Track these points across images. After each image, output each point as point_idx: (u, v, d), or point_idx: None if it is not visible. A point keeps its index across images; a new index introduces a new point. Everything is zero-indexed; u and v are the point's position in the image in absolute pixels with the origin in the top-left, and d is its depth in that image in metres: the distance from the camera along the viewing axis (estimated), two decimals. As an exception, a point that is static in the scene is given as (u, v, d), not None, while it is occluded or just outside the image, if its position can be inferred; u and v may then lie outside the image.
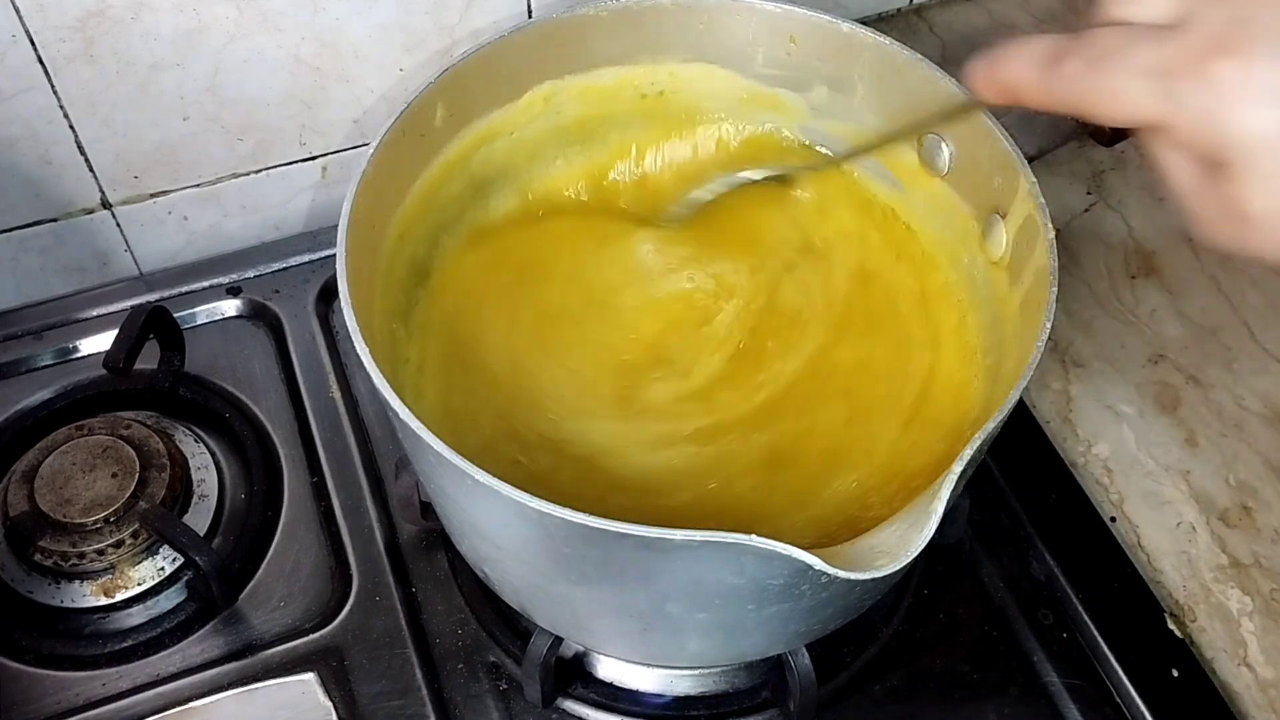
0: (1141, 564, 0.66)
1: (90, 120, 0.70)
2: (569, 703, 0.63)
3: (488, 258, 0.65)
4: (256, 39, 0.70)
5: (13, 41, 0.65)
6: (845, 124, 0.67)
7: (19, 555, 0.65)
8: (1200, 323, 0.75)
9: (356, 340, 0.50)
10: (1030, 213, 0.55)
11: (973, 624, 0.66)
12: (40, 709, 0.61)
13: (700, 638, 0.54)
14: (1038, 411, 0.71)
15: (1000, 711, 0.63)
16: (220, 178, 0.77)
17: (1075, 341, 0.74)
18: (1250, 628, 0.63)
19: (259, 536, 0.67)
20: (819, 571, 0.42)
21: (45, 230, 0.75)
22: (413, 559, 0.67)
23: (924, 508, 0.44)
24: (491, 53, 0.62)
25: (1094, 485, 0.68)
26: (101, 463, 0.66)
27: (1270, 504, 0.67)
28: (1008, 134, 0.57)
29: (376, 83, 0.76)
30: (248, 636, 0.64)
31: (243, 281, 0.78)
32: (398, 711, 0.61)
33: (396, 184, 0.60)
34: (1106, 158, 0.83)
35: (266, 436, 0.71)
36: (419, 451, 0.49)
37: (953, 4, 0.93)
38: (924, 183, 0.64)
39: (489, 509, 0.49)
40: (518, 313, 0.63)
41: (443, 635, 0.64)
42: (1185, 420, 0.71)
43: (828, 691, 0.62)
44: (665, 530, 0.43)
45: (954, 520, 0.64)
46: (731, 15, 0.65)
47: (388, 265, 0.60)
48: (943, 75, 0.60)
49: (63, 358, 0.75)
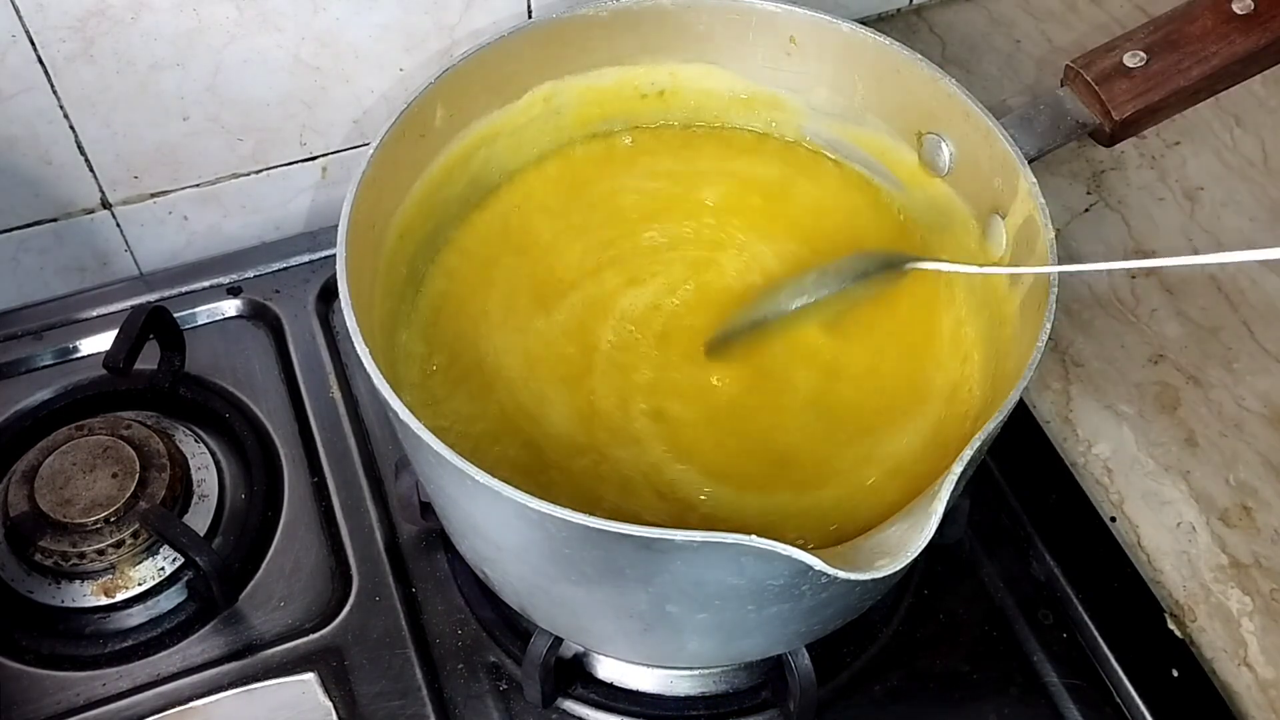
0: (1141, 564, 0.66)
1: (90, 120, 0.70)
2: (569, 703, 0.63)
3: (488, 257, 0.65)
4: (256, 39, 0.70)
5: (13, 41, 0.65)
6: (845, 124, 0.67)
7: (19, 555, 0.65)
8: (1200, 323, 0.75)
9: (356, 340, 0.50)
10: (1030, 213, 0.55)
11: (973, 624, 0.66)
12: (40, 709, 0.61)
13: (700, 638, 0.54)
14: (1038, 411, 0.71)
15: (1000, 711, 0.63)
16: (220, 178, 0.77)
17: (1075, 341, 0.74)
18: (1250, 628, 0.63)
19: (259, 536, 0.67)
20: (819, 572, 0.42)
21: (45, 230, 0.75)
22: (413, 559, 0.67)
23: (924, 508, 0.44)
24: (491, 53, 0.62)
25: (1094, 485, 0.68)
26: (101, 463, 0.66)
27: (1270, 504, 0.67)
28: (1008, 134, 0.57)
29: (376, 83, 0.76)
30: (248, 636, 0.64)
31: (243, 281, 0.78)
32: (398, 711, 0.61)
33: (396, 184, 0.60)
34: (1106, 158, 0.83)
35: (266, 436, 0.71)
36: (419, 451, 0.49)
37: (953, 4, 0.93)
38: (924, 183, 0.64)
39: (489, 509, 0.49)
40: (519, 312, 0.63)
41: (443, 635, 0.64)
42: (1185, 420, 0.71)
43: (828, 691, 0.62)
44: (665, 530, 0.43)
45: (954, 520, 0.64)
46: (731, 15, 0.65)
47: (388, 265, 0.60)
48: (942, 75, 0.60)
49: (63, 358, 0.75)
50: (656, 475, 0.57)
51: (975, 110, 0.59)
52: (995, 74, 0.88)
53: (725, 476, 0.57)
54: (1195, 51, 0.59)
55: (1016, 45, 0.90)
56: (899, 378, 0.61)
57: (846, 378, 0.61)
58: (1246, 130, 0.85)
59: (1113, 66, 0.60)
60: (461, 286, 0.64)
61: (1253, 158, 0.83)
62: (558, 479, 0.57)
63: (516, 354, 0.61)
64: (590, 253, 0.65)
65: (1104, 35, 0.63)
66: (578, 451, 0.58)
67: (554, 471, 0.57)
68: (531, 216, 0.67)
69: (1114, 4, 0.92)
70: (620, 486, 0.57)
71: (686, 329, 0.63)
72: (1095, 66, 0.60)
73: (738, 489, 0.57)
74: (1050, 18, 0.91)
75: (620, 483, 0.57)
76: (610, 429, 0.59)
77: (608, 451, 0.58)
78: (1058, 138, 0.59)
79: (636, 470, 0.57)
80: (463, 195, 0.66)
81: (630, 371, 0.61)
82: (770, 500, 0.56)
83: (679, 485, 0.57)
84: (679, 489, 0.57)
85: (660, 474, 0.57)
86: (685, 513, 0.56)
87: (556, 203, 0.67)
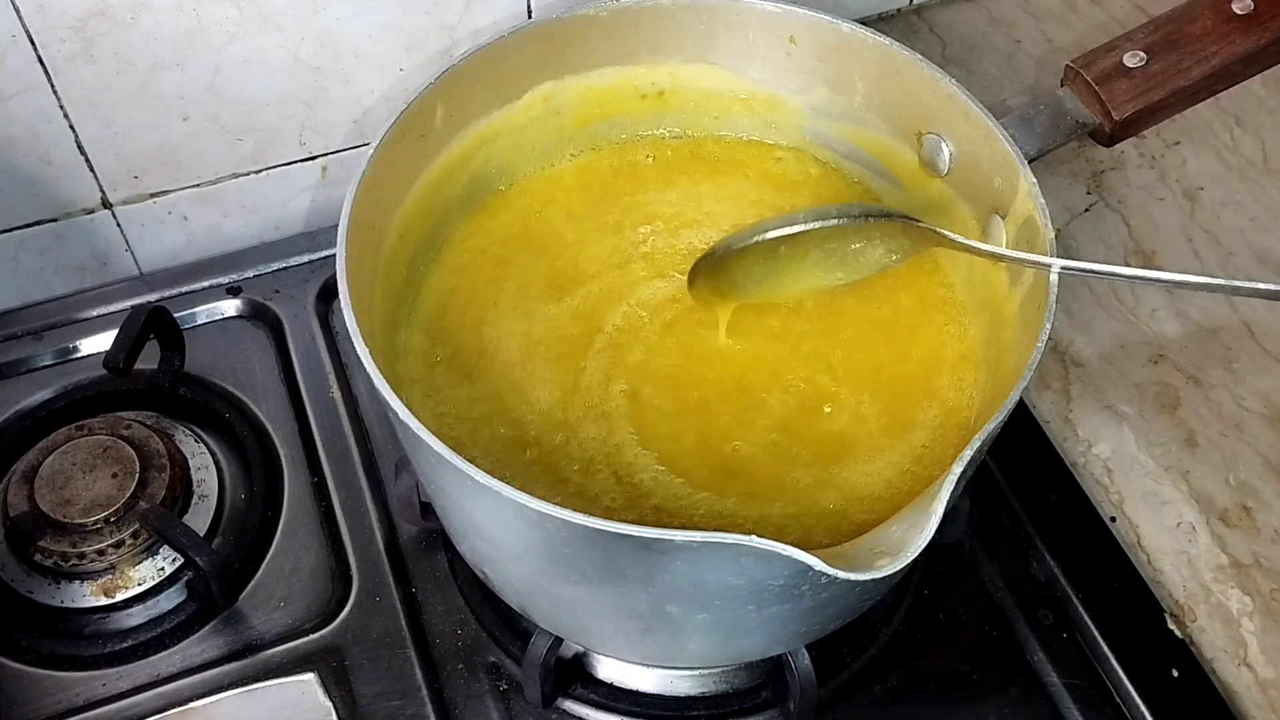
0: (1141, 564, 0.66)
1: (90, 120, 0.70)
2: (569, 703, 0.63)
3: (488, 257, 0.65)
4: (256, 39, 0.70)
5: (13, 41, 0.65)
6: (845, 124, 0.67)
7: (19, 555, 0.65)
8: (1200, 323, 0.75)
9: (356, 340, 0.50)
10: (1030, 213, 0.55)
11: (973, 624, 0.66)
12: (40, 709, 0.61)
13: (700, 638, 0.54)
14: (1038, 411, 0.71)
15: (1000, 711, 0.63)
16: (220, 178, 0.77)
17: (1075, 341, 0.74)
18: (1250, 628, 0.63)
19: (259, 536, 0.67)
20: (819, 572, 0.42)
21: (45, 230, 0.75)
22: (413, 559, 0.67)
23: (924, 508, 0.44)
24: (491, 53, 0.62)
25: (1094, 485, 0.68)
26: (101, 463, 0.66)
27: (1270, 504, 0.67)
28: (1008, 134, 0.57)
29: (376, 83, 0.76)
30: (248, 636, 0.64)
31: (243, 281, 0.78)
32: (398, 711, 0.61)
33: (396, 184, 0.60)
34: (1106, 158, 0.83)
35: (266, 436, 0.71)
36: (419, 451, 0.49)
37: (953, 4, 0.93)
38: (924, 183, 0.64)
39: (489, 509, 0.49)
40: (530, 299, 0.63)
41: (443, 635, 0.64)
42: (1185, 420, 0.71)
43: (828, 691, 0.62)
44: (665, 531, 0.43)
45: (954, 520, 0.64)
46: (731, 15, 0.65)
47: (388, 265, 0.60)
48: (942, 75, 0.60)
49: (63, 358, 0.75)
50: (617, 456, 0.58)
51: (975, 110, 0.59)
52: (995, 74, 0.88)
53: (681, 471, 0.57)
54: (1195, 51, 0.59)
55: (1016, 45, 0.90)
56: (898, 377, 0.61)
57: (845, 376, 0.61)
58: (1246, 130, 0.85)
59: (1113, 66, 0.60)
60: (473, 280, 0.64)
61: (1253, 158, 0.83)
62: (534, 456, 0.57)
63: (520, 337, 0.62)
64: (620, 250, 0.66)
65: (1104, 35, 0.63)
66: (554, 427, 0.58)
67: (533, 449, 0.58)
68: (552, 220, 0.67)
69: (1114, 4, 0.92)
70: (584, 466, 0.57)
71: (696, 323, 0.63)
72: (1095, 66, 0.60)
73: (692, 486, 0.57)
74: (1050, 18, 0.91)
75: (584, 462, 0.57)
76: (587, 405, 0.59)
77: (579, 428, 0.58)
78: (1058, 138, 0.59)
79: (600, 450, 0.58)
80: (463, 195, 0.66)
81: (624, 351, 0.61)
82: (721, 504, 0.56)
83: (636, 469, 0.57)
84: (635, 473, 0.57)
85: (621, 455, 0.57)
86: (639, 499, 0.56)
87: (583, 208, 0.68)
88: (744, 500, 0.57)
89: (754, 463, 0.58)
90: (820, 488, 0.57)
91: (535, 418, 0.59)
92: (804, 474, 0.58)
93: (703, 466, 0.58)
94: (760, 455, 0.58)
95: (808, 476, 0.57)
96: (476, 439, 0.58)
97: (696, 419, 0.59)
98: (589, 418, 0.59)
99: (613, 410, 0.59)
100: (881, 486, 0.57)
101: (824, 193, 0.68)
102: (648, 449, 0.58)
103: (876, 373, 0.61)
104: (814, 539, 0.55)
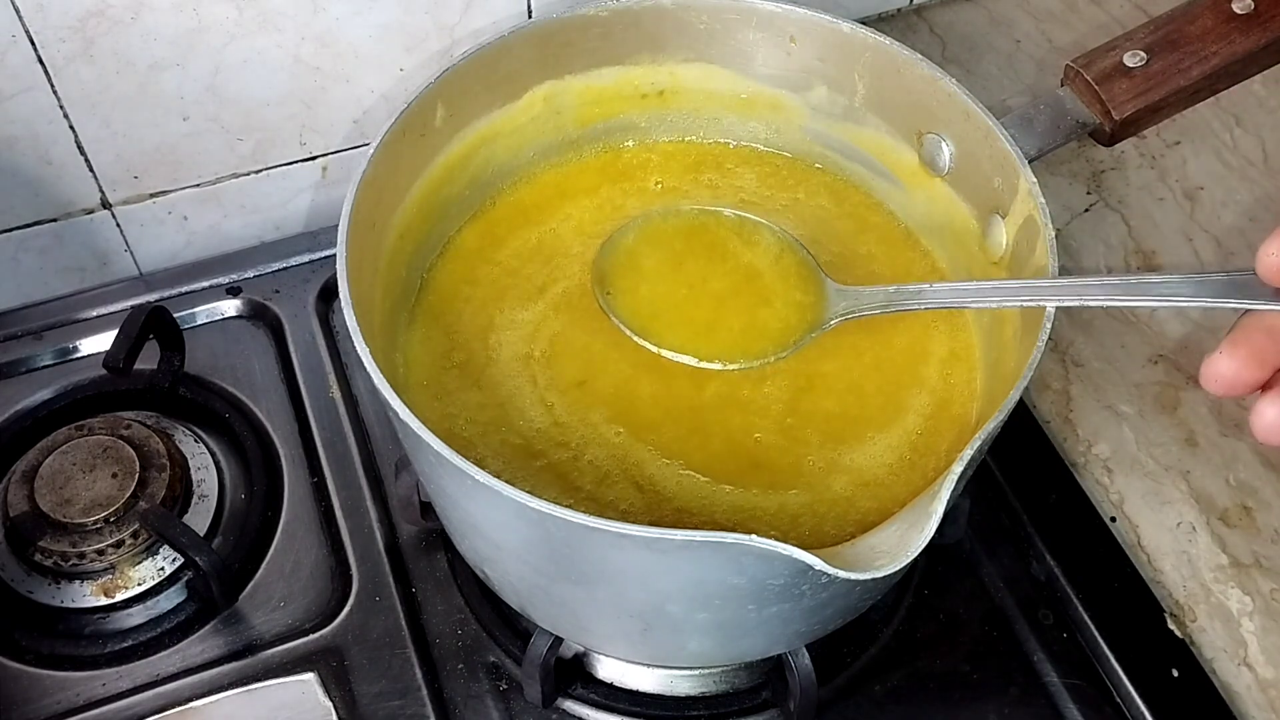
0: (1141, 564, 0.66)
1: (90, 120, 0.70)
2: (569, 703, 0.63)
3: (488, 257, 0.65)
4: (256, 39, 0.70)
5: (13, 41, 0.65)
6: (845, 124, 0.67)
7: (19, 555, 0.65)
8: (1200, 323, 0.75)
9: (356, 340, 0.50)
10: (1030, 213, 0.55)
11: (973, 624, 0.66)
12: (40, 709, 0.61)
13: (700, 638, 0.54)
14: (1038, 411, 0.71)
15: (1000, 711, 0.63)
16: (220, 178, 0.77)
17: (1075, 341, 0.74)
18: (1250, 628, 0.63)
19: (259, 536, 0.67)
20: (819, 571, 0.42)
21: (45, 230, 0.75)
22: (413, 559, 0.67)
23: (924, 508, 0.44)
24: (491, 53, 0.62)
25: (1094, 485, 0.68)
26: (101, 463, 0.66)
27: (1270, 504, 0.67)
28: (1008, 134, 0.57)
29: (376, 83, 0.76)
30: (248, 636, 0.64)
31: (243, 281, 0.78)
32: (398, 711, 0.61)
33: (396, 184, 0.60)
34: (1106, 158, 0.83)
35: (266, 436, 0.71)
36: (419, 451, 0.49)
37: (953, 4, 0.93)
38: (924, 183, 0.64)
39: (489, 509, 0.49)
40: (519, 312, 0.63)
41: (443, 635, 0.64)
42: (1185, 420, 0.71)
43: (828, 691, 0.62)
44: (665, 530, 0.43)
45: (954, 520, 0.64)
46: (731, 15, 0.65)
47: (388, 265, 0.60)
48: (942, 75, 0.60)
49: (63, 358, 0.75)
50: (638, 471, 0.57)
51: (975, 110, 0.59)
52: (995, 74, 0.88)
53: (706, 470, 0.57)
54: (1195, 51, 0.59)
55: (1016, 45, 0.90)
56: (897, 377, 0.61)
57: (845, 376, 0.61)
58: (1246, 130, 0.84)
59: (1113, 66, 0.60)
60: (462, 286, 0.64)
61: (1253, 158, 0.83)
62: (544, 465, 0.57)
63: (518, 353, 0.61)
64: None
65: (1104, 35, 0.63)
66: (581, 443, 0.58)
67: (541, 459, 0.57)
68: (559, 230, 0.67)
69: (1114, 4, 0.92)
70: (598, 478, 0.57)
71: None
72: (1095, 66, 0.60)
73: (716, 482, 0.57)
74: (1050, 18, 0.91)
75: (599, 474, 0.57)
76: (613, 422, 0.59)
77: (612, 443, 0.58)
78: (1058, 138, 0.59)
79: (618, 465, 0.58)
80: (463, 195, 0.66)
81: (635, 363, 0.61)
82: (745, 497, 0.56)
83: (658, 480, 0.57)
84: (658, 484, 0.57)
85: (642, 469, 0.57)
86: (660, 504, 0.56)
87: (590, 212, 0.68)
88: (765, 491, 0.56)
89: (775, 450, 0.58)
90: (831, 471, 0.57)
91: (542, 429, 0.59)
92: (817, 456, 0.58)
93: (728, 461, 0.58)
94: (781, 441, 0.58)
95: (820, 459, 0.58)
96: (488, 441, 0.58)
97: (714, 415, 0.59)
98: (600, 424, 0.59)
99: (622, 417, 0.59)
100: (884, 471, 0.58)
101: (824, 192, 0.69)
102: (670, 459, 0.58)
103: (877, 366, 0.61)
104: (824, 529, 0.55)
